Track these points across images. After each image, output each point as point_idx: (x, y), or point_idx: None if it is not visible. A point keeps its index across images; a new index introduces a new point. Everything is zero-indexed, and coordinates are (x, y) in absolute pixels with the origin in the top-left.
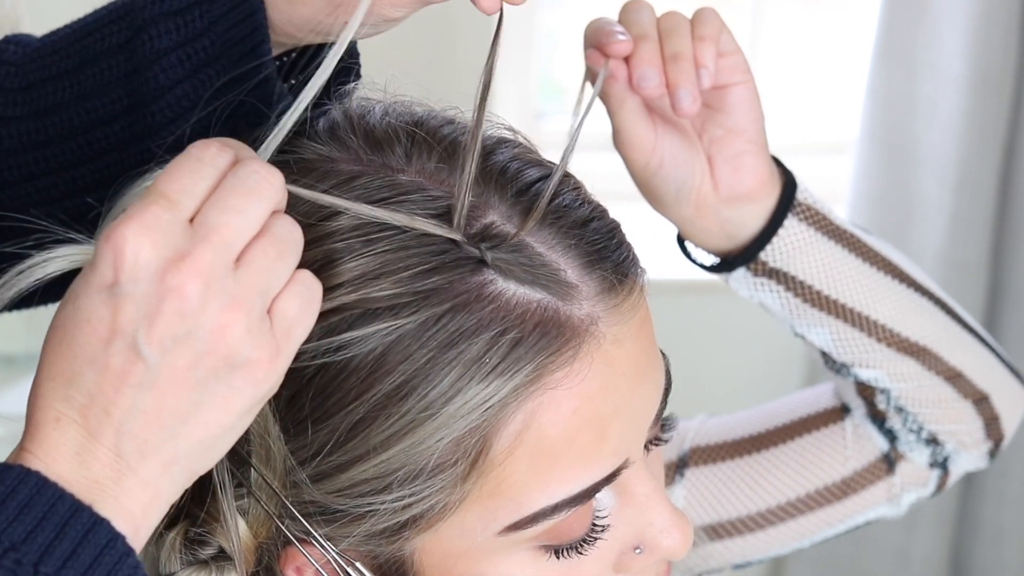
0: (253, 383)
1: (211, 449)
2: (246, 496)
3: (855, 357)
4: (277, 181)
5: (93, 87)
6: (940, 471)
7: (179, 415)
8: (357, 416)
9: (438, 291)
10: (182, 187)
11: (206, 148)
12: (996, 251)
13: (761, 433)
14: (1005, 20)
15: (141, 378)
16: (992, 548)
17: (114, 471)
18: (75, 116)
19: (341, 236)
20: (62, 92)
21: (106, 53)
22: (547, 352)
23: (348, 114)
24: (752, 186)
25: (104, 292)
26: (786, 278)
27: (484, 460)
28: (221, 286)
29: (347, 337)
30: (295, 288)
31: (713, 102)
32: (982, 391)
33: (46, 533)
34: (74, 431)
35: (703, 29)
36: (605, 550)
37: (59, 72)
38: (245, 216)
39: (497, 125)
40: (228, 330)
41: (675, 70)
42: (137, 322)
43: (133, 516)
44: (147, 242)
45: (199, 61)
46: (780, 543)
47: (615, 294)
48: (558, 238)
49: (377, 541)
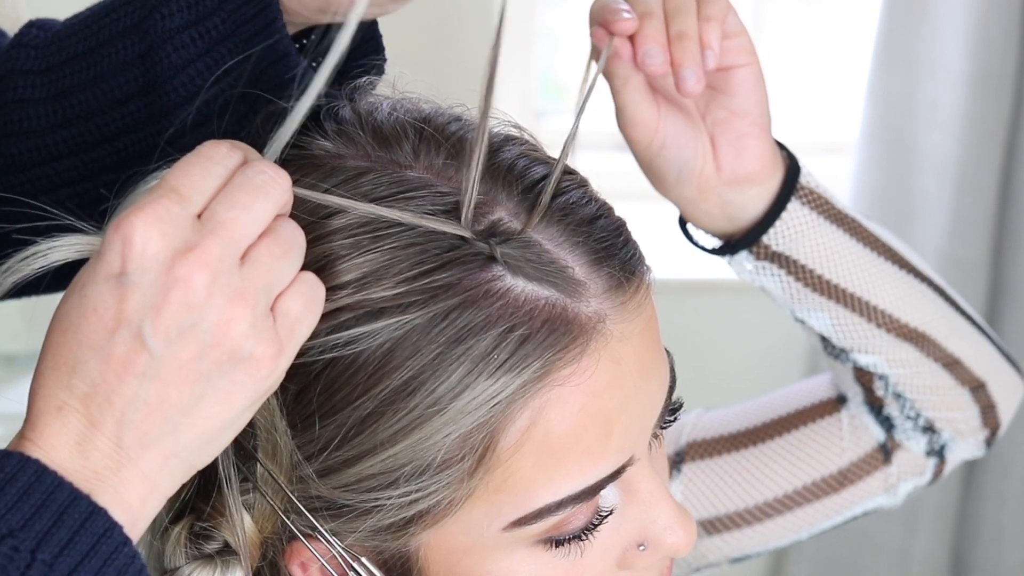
0: (256, 379)
1: (211, 443)
2: (252, 491)
3: (854, 342)
4: (284, 182)
5: (108, 68)
6: (937, 459)
7: (181, 407)
8: (365, 411)
9: (447, 287)
10: (192, 183)
11: (217, 147)
12: (996, 250)
13: (757, 426)
14: (1005, 20)
15: (145, 368)
16: (992, 548)
17: (114, 461)
18: (92, 97)
19: (350, 232)
20: (79, 73)
21: (120, 34)
22: (555, 349)
23: (356, 110)
24: (755, 168)
25: (111, 281)
26: (788, 262)
27: (491, 456)
28: (227, 280)
29: (355, 332)
30: (299, 287)
31: (718, 83)
32: (979, 378)
33: (44, 520)
34: (75, 420)
35: (709, 9)
36: (609, 546)
37: (76, 54)
38: (252, 213)
39: (503, 123)
40: (233, 324)
41: (680, 49)
42: (143, 312)
43: (130, 507)
44: (156, 233)
45: (212, 39)
46: (778, 536)
47: (622, 292)
48: (565, 235)
49: (383, 536)
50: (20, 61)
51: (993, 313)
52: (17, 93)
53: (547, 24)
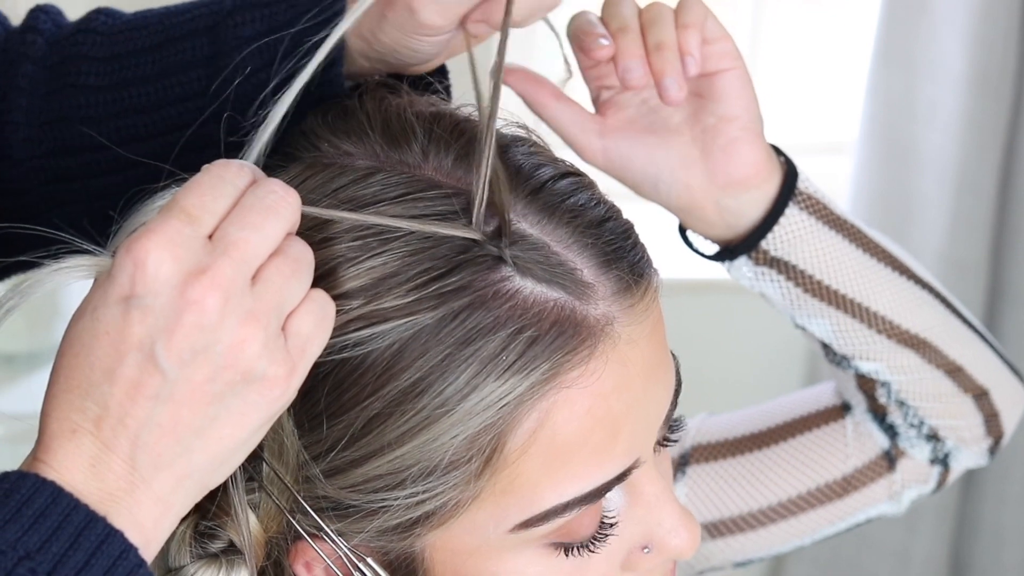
0: (269, 399)
1: (224, 464)
2: (257, 490)
3: (855, 349)
4: (294, 201)
5: (175, 64)
6: (941, 468)
7: (195, 429)
8: (372, 412)
9: (457, 288)
10: (203, 204)
11: (227, 167)
12: (996, 251)
13: (762, 431)
14: (1005, 20)
15: (158, 390)
16: (992, 548)
17: (128, 483)
18: (154, 91)
19: (357, 234)
20: (145, 66)
21: (191, 34)
22: (563, 351)
23: (366, 110)
24: (748, 173)
25: (123, 304)
26: (787, 267)
27: (498, 458)
28: (240, 301)
29: (365, 334)
30: (309, 306)
31: (703, 90)
32: (982, 386)
33: (60, 543)
34: (89, 442)
35: (686, 17)
36: (614, 549)
37: (143, 47)
38: (263, 233)
39: (511, 123)
40: (246, 345)
41: (659, 60)
42: (156, 334)
43: (144, 529)
44: (168, 256)
45: (276, 53)
46: (781, 541)
47: (631, 294)
48: (574, 237)
49: (389, 537)
50: (86, 46)
51: (993, 313)
52: (80, 79)
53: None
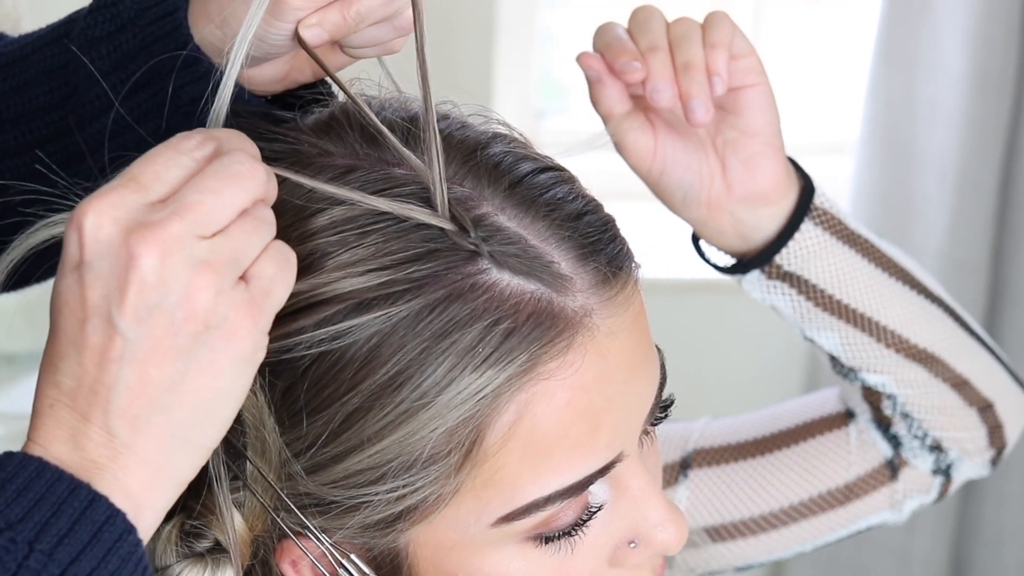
0: (236, 344)
1: (208, 417)
2: (242, 489)
3: (863, 362)
4: (260, 174)
5: (33, 76)
6: (943, 478)
7: (165, 385)
8: (352, 407)
9: (432, 277)
10: (155, 172)
11: (187, 139)
12: (996, 251)
13: (765, 436)
14: (1005, 20)
15: (122, 352)
16: (992, 548)
17: (109, 450)
18: (15, 104)
19: (336, 229)
20: (5, 80)
21: (47, 45)
22: (540, 343)
23: (345, 108)
24: (767, 188)
25: (76, 272)
26: (800, 282)
27: (478, 451)
28: (190, 252)
29: (342, 327)
30: (269, 253)
31: (727, 104)
32: (987, 399)
33: (43, 511)
34: (66, 415)
35: (715, 35)
36: (600, 544)
37: (4, 63)
38: (220, 199)
39: (492, 121)
40: (200, 293)
41: (687, 80)
42: (108, 297)
43: (132, 493)
44: (108, 219)
45: (124, 53)
46: (782, 546)
47: (609, 287)
48: (552, 230)
49: (372, 533)
50: None
51: (993, 313)
52: None
53: (547, 24)
